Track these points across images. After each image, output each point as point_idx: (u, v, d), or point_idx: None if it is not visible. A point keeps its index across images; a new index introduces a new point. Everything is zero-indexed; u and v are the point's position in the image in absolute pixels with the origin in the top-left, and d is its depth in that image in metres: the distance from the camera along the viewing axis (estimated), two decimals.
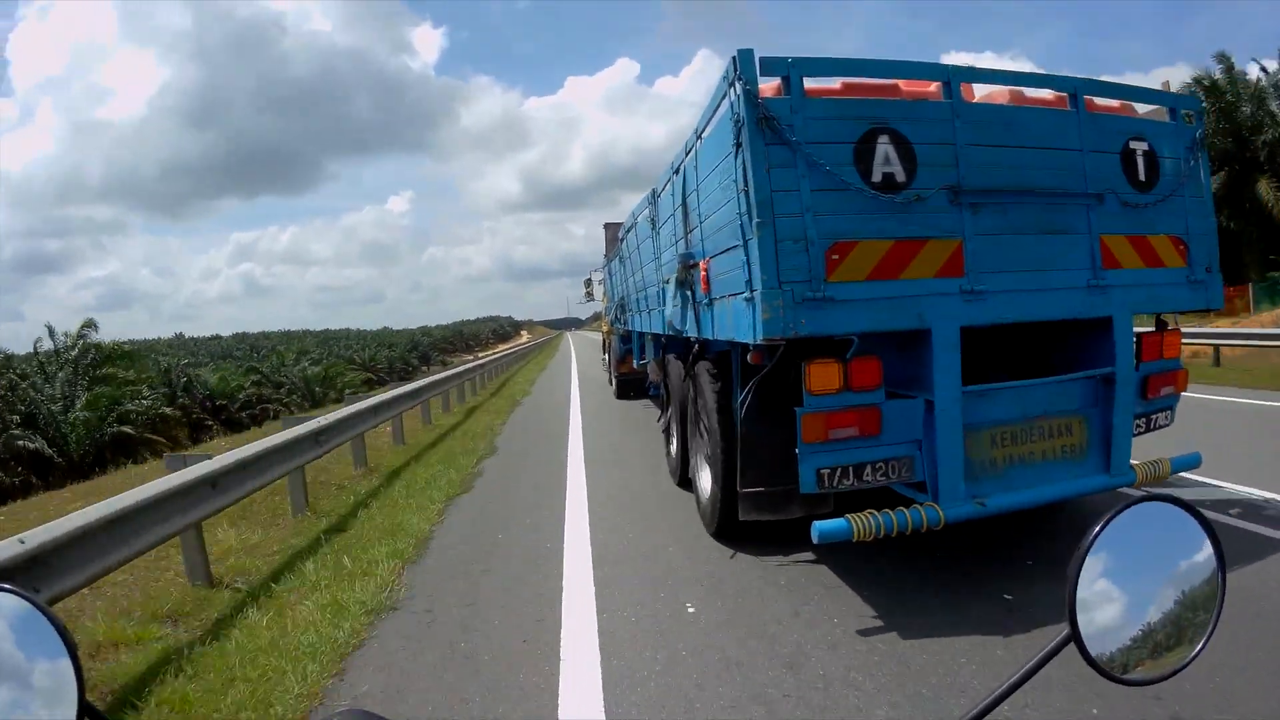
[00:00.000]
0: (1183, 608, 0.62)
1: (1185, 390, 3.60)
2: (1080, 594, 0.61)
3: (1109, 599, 0.62)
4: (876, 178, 2.99)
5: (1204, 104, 3.54)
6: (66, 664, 0.63)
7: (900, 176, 3.01)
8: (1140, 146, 3.44)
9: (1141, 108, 3.66)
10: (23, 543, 2.55)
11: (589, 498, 5.25)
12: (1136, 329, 3.44)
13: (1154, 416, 3.52)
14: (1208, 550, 0.63)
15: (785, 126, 2.91)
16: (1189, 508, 0.64)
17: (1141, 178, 3.42)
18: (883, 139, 3.02)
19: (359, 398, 8.19)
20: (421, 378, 11.43)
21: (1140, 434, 3.45)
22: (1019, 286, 3.13)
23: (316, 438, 5.51)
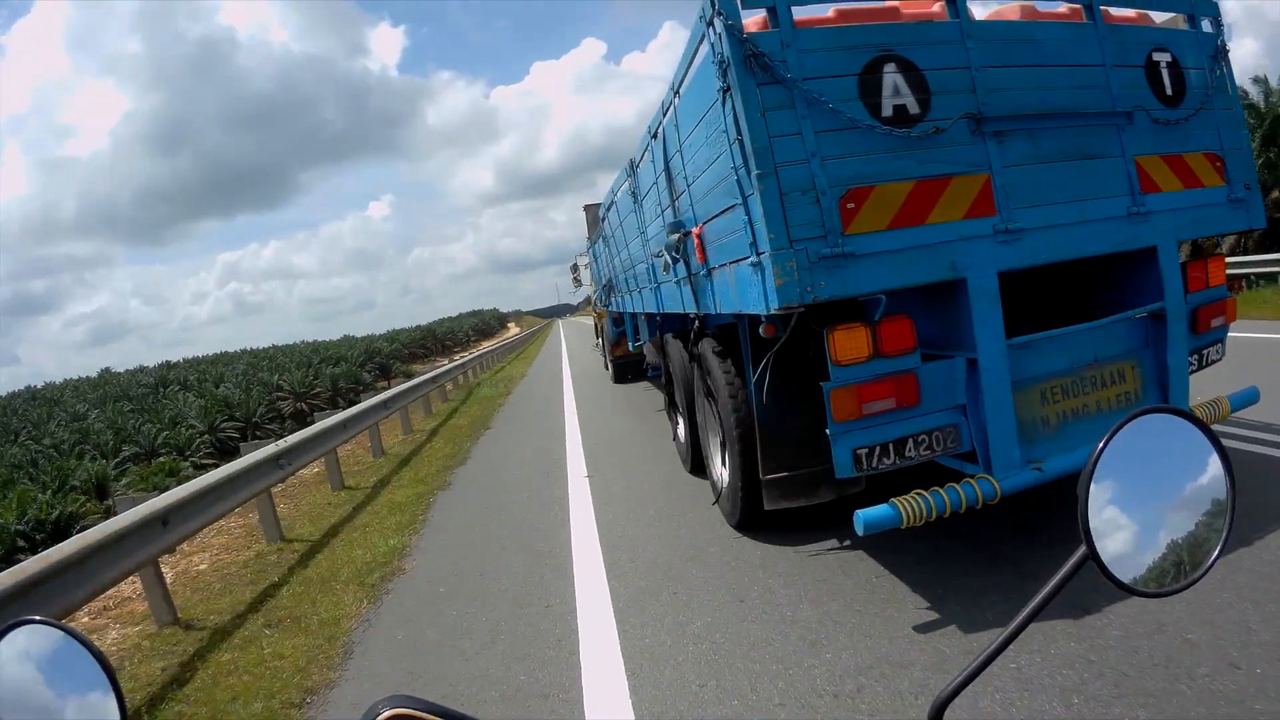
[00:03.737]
0: (1195, 517, 0.61)
1: (1235, 320, 3.29)
2: (1091, 510, 0.60)
3: (1120, 513, 0.61)
4: (887, 111, 2.62)
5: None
6: (107, 690, 0.65)
7: (913, 108, 2.64)
8: (1164, 58, 3.11)
9: (1157, 16, 3.33)
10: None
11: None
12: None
13: (1205, 351, 3.20)
14: (1214, 459, 0.62)
15: (778, 63, 2.53)
16: (1191, 417, 0.63)
17: (1169, 91, 3.09)
18: (889, 68, 2.65)
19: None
20: (372, 396, 9.54)
21: (1193, 372, 3.13)
22: (1056, 221, 2.77)
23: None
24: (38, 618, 0.69)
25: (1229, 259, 11.90)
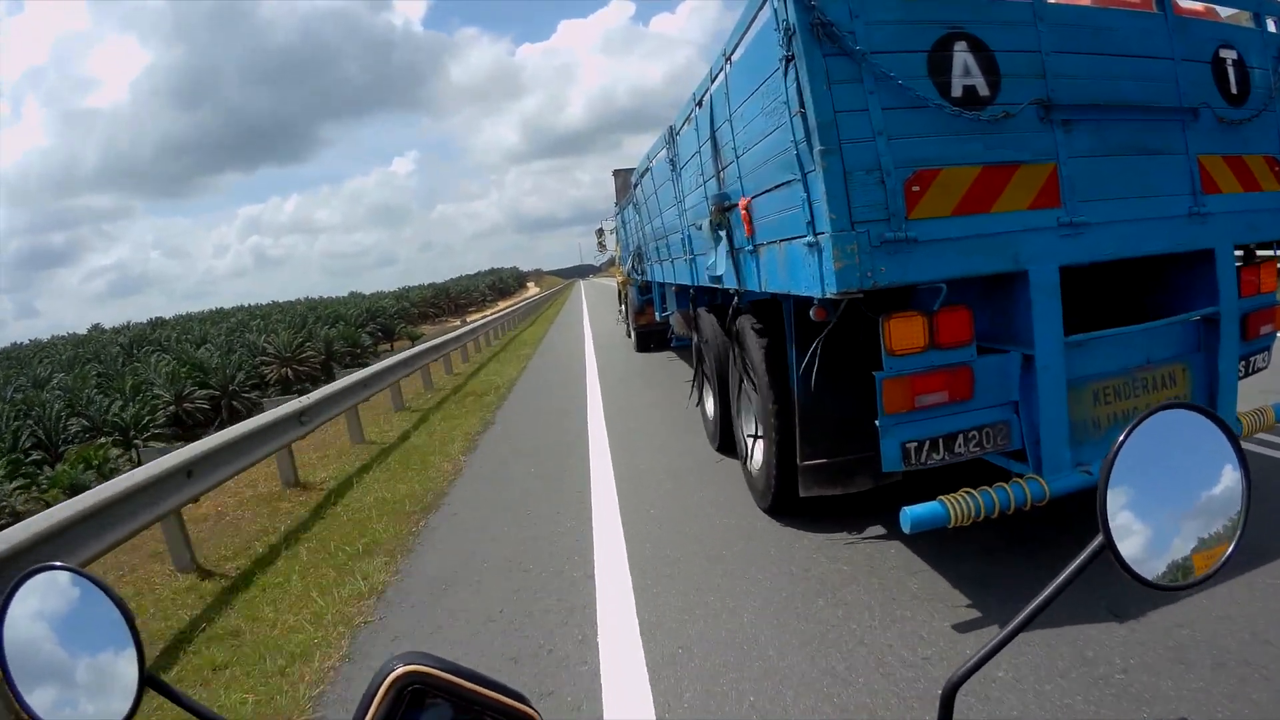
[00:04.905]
0: (1211, 514, 0.62)
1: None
2: (1110, 502, 0.60)
3: (1139, 507, 0.61)
4: (957, 91, 2.50)
5: None
6: (126, 636, 0.64)
7: (983, 90, 2.53)
8: (1230, 55, 3.01)
9: (1223, 12, 3.24)
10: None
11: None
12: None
13: (1252, 359, 3.14)
14: (1230, 456, 0.62)
15: (846, 34, 2.40)
16: (1208, 414, 0.63)
17: (1234, 90, 2.99)
18: (959, 45, 2.52)
19: None
20: (378, 361, 9.17)
21: (1240, 379, 3.07)
22: (1118, 216, 2.68)
23: None
24: (57, 564, 0.67)
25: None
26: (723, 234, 3.48)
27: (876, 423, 2.52)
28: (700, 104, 3.66)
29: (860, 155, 2.39)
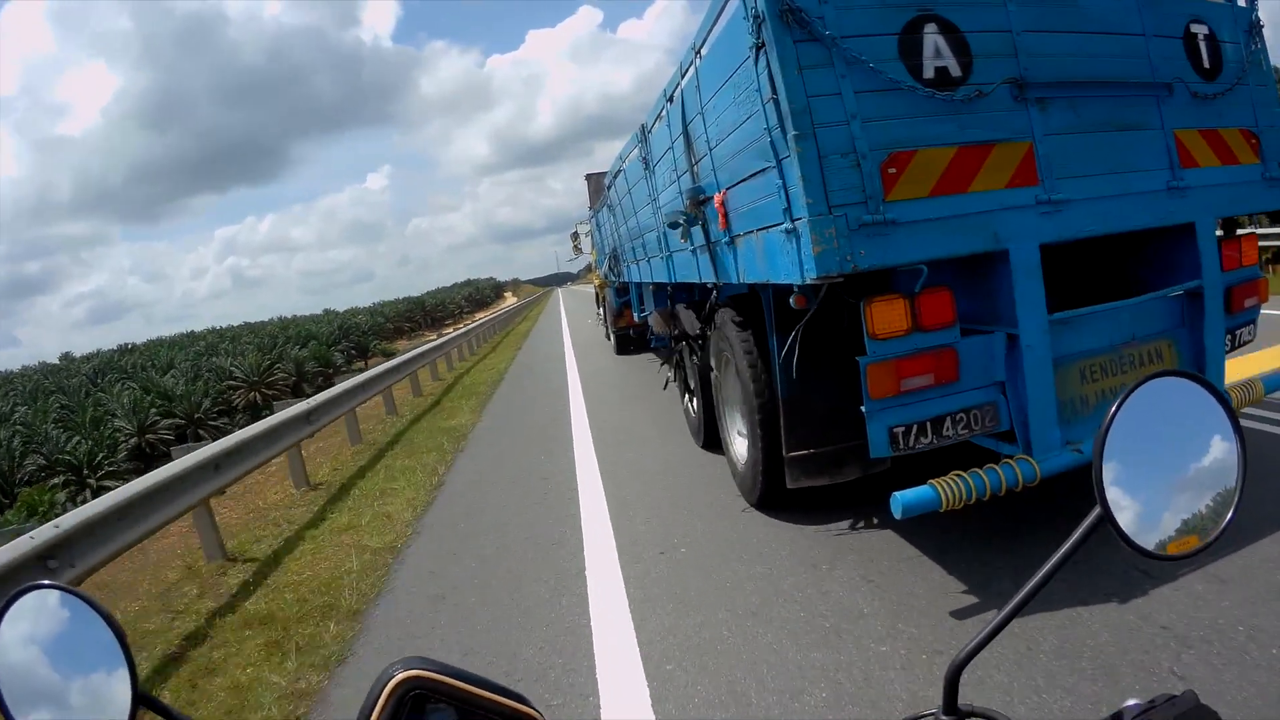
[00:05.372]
0: (1207, 480, 0.61)
1: (1267, 300, 3.22)
2: (1106, 472, 0.59)
3: (1135, 476, 0.60)
4: (929, 73, 2.49)
5: None
6: (118, 654, 0.63)
7: (955, 70, 2.52)
8: (1201, 30, 3.02)
9: None
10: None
11: None
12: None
13: (1238, 332, 3.13)
14: (1225, 424, 0.61)
15: (815, 19, 2.39)
16: (1202, 381, 0.62)
17: (1206, 64, 3.00)
18: (929, 28, 2.52)
19: None
20: (346, 379, 8.29)
21: (1227, 352, 3.05)
22: (1097, 193, 2.67)
23: None
24: (47, 582, 0.66)
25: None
26: (699, 228, 3.46)
27: (862, 409, 2.50)
28: (671, 99, 3.65)
29: (835, 139, 2.38)
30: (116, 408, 22.11)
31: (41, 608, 0.65)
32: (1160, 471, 0.62)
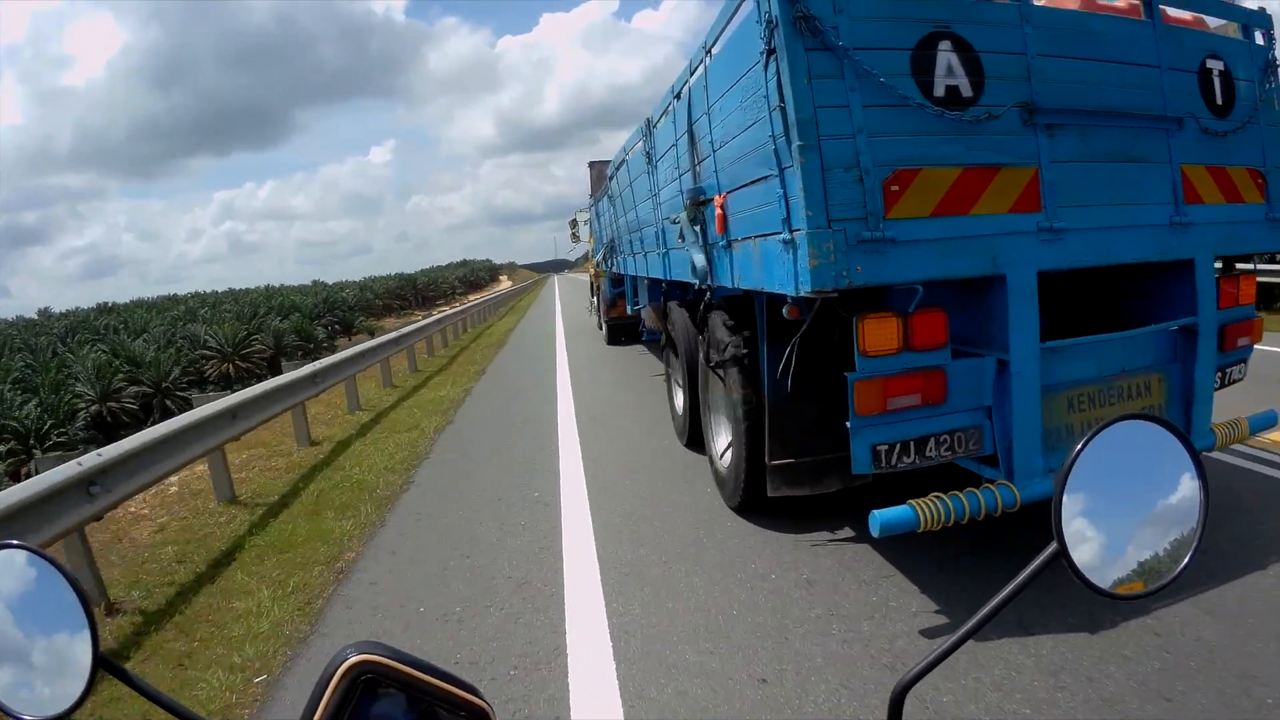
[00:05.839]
0: (1167, 524, 0.62)
1: (1259, 341, 3.22)
2: (1065, 510, 0.60)
3: (1094, 515, 0.61)
4: (939, 91, 2.47)
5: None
6: (81, 618, 0.63)
7: (966, 90, 2.50)
8: (1217, 66, 3.00)
9: (1211, 22, 3.23)
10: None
11: None
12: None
13: (1229, 370, 3.14)
14: (1189, 467, 0.62)
15: (829, 28, 2.36)
16: (1168, 425, 0.63)
17: (1219, 101, 2.98)
18: (944, 45, 2.49)
19: None
20: (329, 356, 7.67)
21: (1216, 390, 3.06)
22: (1099, 223, 2.66)
23: None
24: (14, 542, 0.65)
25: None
26: (697, 228, 3.44)
27: (847, 424, 2.50)
28: (679, 96, 3.62)
29: (839, 152, 2.36)
30: (81, 371, 20.38)
31: (9, 567, 0.66)
32: (1123, 512, 0.63)
